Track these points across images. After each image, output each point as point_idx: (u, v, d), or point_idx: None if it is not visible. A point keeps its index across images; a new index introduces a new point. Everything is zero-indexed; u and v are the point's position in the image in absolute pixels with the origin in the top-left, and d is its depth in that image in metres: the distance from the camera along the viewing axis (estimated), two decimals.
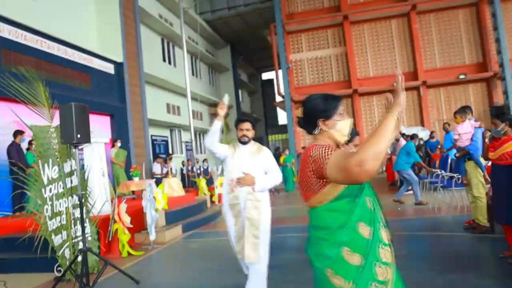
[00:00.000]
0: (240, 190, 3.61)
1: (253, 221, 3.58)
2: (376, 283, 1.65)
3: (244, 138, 3.72)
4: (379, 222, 1.74)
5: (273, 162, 3.80)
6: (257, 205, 3.60)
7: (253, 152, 3.75)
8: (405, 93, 1.63)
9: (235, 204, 3.65)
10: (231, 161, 3.70)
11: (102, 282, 4.86)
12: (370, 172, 1.45)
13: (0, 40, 8.93)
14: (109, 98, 12.68)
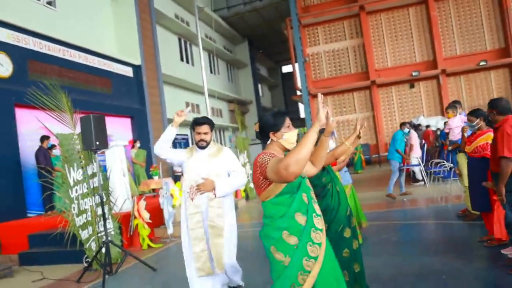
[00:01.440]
0: (200, 197, 3.34)
1: (217, 229, 3.33)
2: (307, 258, 2.13)
3: (202, 142, 3.44)
4: (314, 212, 2.22)
5: (234, 162, 3.53)
6: (220, 213, 3.35)
7: (211, 155, 3.46)
8: (324, 111, 2.07)
9: (195, 214, 3.34)
10: (189, 166, 3.40)
11: (124, 270, 5.43)
12: (294, 173, 1.93)
13: (27, 51, 9.56)
14: (129, 100, 13.25)
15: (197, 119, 3.51)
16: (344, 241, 3.24)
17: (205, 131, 3.44)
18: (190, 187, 3.37)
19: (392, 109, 19.66)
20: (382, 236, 5.59)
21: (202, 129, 3.44)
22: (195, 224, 3.34)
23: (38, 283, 5.35)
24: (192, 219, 3.35)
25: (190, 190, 3.37)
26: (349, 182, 5.83)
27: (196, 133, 3.45)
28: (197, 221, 3.34)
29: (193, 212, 3.35)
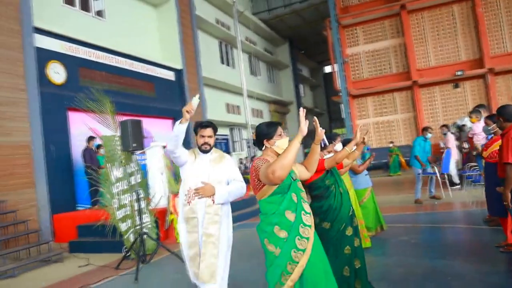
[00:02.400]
0: (197, 202, 3.20)
1: (212, 238, 3.16)
2: (295, 250, 2.48)
3: (205, 146, 3.29)
4: (303, 210, 2.58)
5: (236, 171, 3.41)
6: (217, 220, 3.19)
7: (213, 160, 3.34)
8: (306, 124, 2.44)
9: (191, 218, 3.21)
10: (190, 169, 3.27)
11: (157, 260, 6.02)
12: (279, 177, 2.35)
13: (78, 60, 10.45)
14: (171, 103, 13.97)
15: (201, 122, 3.37)
16: (346, 239, 3.53)
17: (209, 135, 3.29)
18: (188, 190, 3.22)
19: (435, 109, 19.20)
20: (401, 238, 5.76)
21: (206, 132, 3.28)
22: (192, 228, 3.22)
23: (84, 268, 6.02)
24: (189, 223, 3.23)
25: (188, 193, 3.22)
26: (369, 185, 6.04)
27: (199, 136, 3.28)
28: (193, 225, 3.21)
29: (189, 216, 3.22)
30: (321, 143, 2.90)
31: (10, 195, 7.75)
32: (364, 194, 5.93)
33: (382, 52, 20.25)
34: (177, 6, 14.76)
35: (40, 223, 8.22)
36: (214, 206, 3.20)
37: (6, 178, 7.81)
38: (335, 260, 3.49)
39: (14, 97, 8.23)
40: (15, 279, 5.83)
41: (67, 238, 7.76)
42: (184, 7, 15.35)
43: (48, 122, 8.89)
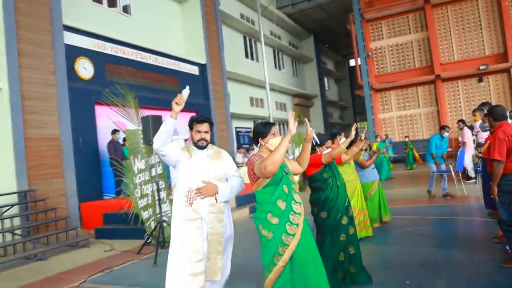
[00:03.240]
0: (200, 202, 3.03)
1: (217, 235, 3.09)
2: (285, 234, 2.79)
3: (202, 142, 3.12)
4: (293, 199, 2.87)
5: (234, 167, 3.30)
6: (221, 218, 3.11)
7: (211, 156, 3.19)
8: (295, 125, 2.66)
9: (193, 220, 3.03)
10: (187, 168, 3.07)
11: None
12: (270, 171, 2.66)
13: (105, 56, 10.97)
14: (194, 96, 14.35)
15: (197, 117, 3.19)
16: (342, 227, 3.80)
17: (205, 130, 3.13)
18: (188, 190, 3.04)
19: (458, 104, 18.92)
20: (406, 229, 5.94)
21: (203, 127, 3.12)
22: (194, 231, 3.03)
23: (108, 253, 6.48)
24: (191, 226, 3.03)
25: (188, 194, 3.04)
26: (376, 178, 6.26)
27: (195, 132, 3.13)
28: (196, 227, 3.03)
29: (192, 218, 3.03)
30: (312, 141, 3.19)
31: (41, 184, 8.33)
32: (371, 187, 6.14)
33: (405, 46, 20.06)
34: (201, 2, 15.11)
35: (68, 211, 8.77)
36: (217, 205, 3.08)
37: (37, 168, 8.37)
38: (332, 246, 3.78)
39: (44, 92, 8.78)
40: (45, 261, 6.35)
41: (94, 225, 8.28)
42: (208, 3, 15.68)
43: (76, 115, 9.42)
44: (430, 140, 8.54)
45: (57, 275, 5.42)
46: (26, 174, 8.14)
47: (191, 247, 3.03)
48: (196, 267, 3.01)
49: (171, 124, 2.95)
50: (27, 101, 8.36)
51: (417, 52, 19.82)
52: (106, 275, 5.16)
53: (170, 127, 2.96)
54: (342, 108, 35.64)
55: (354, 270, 3.79)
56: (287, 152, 4.70)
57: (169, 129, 2.96)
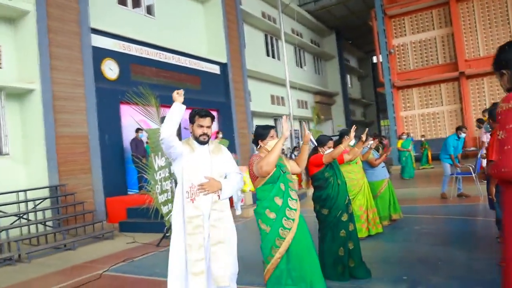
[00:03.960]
0: (202, 198, 2.94)
1: (221, 235, 2.99)
2: (282, 228, 3.08)
3: (204, 137, 3.03)
4: (289, 196, 3.15)
5: (233, 163, 3.23)
6: (222, 216, 3.03)
7: (213, 151, 3.12)
8: (288, 129, 2.89)
9: (194, 217, 2.92)
10: (189, 163, 2.97)
11: None
12: (266, 171, 3.01)
13: (129, 57, 11.47)
14: (215, 95, 14.77)
15: (200, 111, 3.07)
16: (342, 224, 4.05)
17: (207, 125, 3.04)
18: (191, 186, 2.94)
19: (483, 101, 18.59)
20: (413, 227, 6.12)
21: (205, 122, 3.02)
22: (194, 229, 2.92)
23: (130, 245, 6.93)
24: (191, 223, 2.92)
25: (190, 189, 2.94)
26: (386, 177, 6.45)
27: (197, 126, 3.02)
28: (196, 225, 2.93)
29: (192, 215, 2.93)
30: (310, 143, 3.45)
31: (71, 179, 8.88)
32: (381, 185, 6.33)
33: (428, 42, 19.83)
34: (222, 1, 15.45)
35: (95, 205, 9.30)
36: (219, 202, 3.01)
37: (66, 165, 8.92)
38: (332, 241, 4.05)
39: (73, 92, 9.31)
40: (73, 251, 6.85)
41: (118, 218, 8.78)
42: (229, 2, 16.00)
43: (102, 114, 9.94)
44: (447, 141, 8.46)
45: (84, 263, 5.88)
46: (57, 170, 8.69)
47: (192, 246, 2.91)
48: (197, 266, 2.89)
49: (180, 110, 2.89)
50: (57, 101, 8.90)
51: (440, 49, 19.57)
52: (127, 265, 5.57)
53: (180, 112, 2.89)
54: (365, 106, 35.39)
55: (353, 264, 4.04)
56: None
57: (178, 118, 2.88)
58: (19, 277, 5.40)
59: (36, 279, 5.26)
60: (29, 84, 8.60)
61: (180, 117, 2.90)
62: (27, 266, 6.02)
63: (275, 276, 3.08)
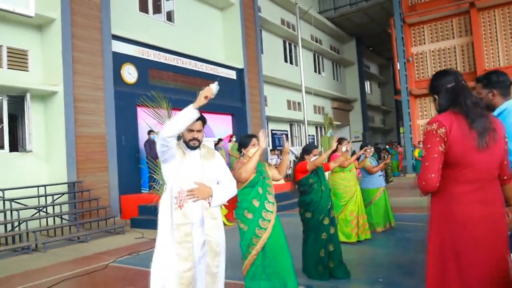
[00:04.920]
0: (191, 205, 2.78)
1: (213, 244, 2.84)
2: (258, 228, 3.40)
3: (194, 142, 2.88)
4: (266, 199, 3.48)
5: (226, 169, 3.10)
6: (215, 224, 2.88)
7: (204, 156, 2.97)
8: (265, 141, 3.25)
9: (182, 225, 2.75)
10: (180, 166, 2.83)
11: None
12: (244, 178, 3.37)
13: (148, 62, 12.02)
14: (231, 100, 15.19)
15: None
16: (323, 227, 4.37)
17: (198, 129, 2.88)
18: (179, 191, 2.79)
19: None
20: (406, 234, 6.34)
21: (195, 126, 2.85)
22: (183, 238, 2.74)
23: (138, 240, 7.39)
24: (179, 231, 2.74)
25: (179, 195, 2.78)
26: (382, 185, 6.70)
27: (187, 130, 2.86)
28: (185, 233, 2.75)
29: (181, 222, 2.75)
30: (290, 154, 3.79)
31: (88, 176, 9.44)
32: (376, 193, 6.60)
33: (448, 51, 19.75)
34: (241, 9, 15.90)
35: (110, 201, 9.83)
36: (210, 210, 2.86)
37: (84, 163, 9.49)
38: (315, 243, 4.37)
39: (93, 95, 9.89)
40: (85, 243, 7.36)
41: (131, 215, 9.28)
42: (248, 10, 16.46)
43: (120, 116, 10.50)
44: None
45: (93, 255, 6.37)
46: (75, 167, 9.27)
47: (180, 255, 2.72)
48: (184, 278, 2.71)
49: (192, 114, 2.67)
50: (78, 103, 9.49)
51: (460, 58, 19.46)
52: (132, 258, 6.02)
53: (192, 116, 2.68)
54: (384, 113, 35.24)
55: (333, 265, 4.35)
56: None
57: (188, 118, 2.68)
58: (34, 264, 5.92)
59: (49, 267, 5.76)
60: (53, 86, 9.21)
61: (190, 123, 2.71)
62: (42, 255, 6.56)
63: (252, 271, 3.43)
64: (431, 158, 2.01)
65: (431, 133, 2.04)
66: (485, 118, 2.02)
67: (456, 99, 2.07)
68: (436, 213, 2.11)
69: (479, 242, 1.97)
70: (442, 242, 2.06)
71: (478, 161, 1.97)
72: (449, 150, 1.99)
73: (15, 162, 8.82)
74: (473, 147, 1.96)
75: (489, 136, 1.99)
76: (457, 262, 1.99)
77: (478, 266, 1.96)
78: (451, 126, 1.99)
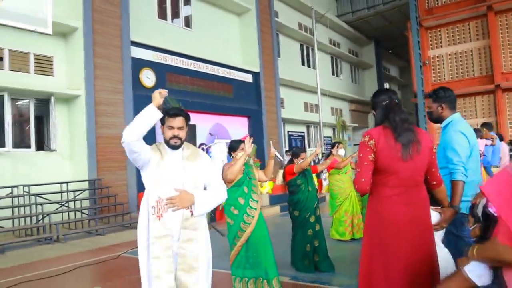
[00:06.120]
0: (171, 215, 2.47)
1: (189, 259, 2.50)
2: (243, 222, 3.82)
3: (175, 141, 2.60)
4: (250, 197, 3.89)
5: (214, 172, 2.78)
6: (194, 236, 2.53)
7: (187, 158, 2.65)
8: (250, 147, 3.70)
9: (162, 237, 2.45)
10: (157, 171, 2.55)
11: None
12: (229, 180, 3.77)
13: (166, 66, 12.63)
14: (247, 102, 15.68)
15: (169, 109, 2.68)
16: (310, 224, 4.79)
17: (179, 126, 2.61)
18: (157, 200, 2.49)
19: None
20: None
21: (176, 122, 2.61)
22: (162, 252, 2.45)
23: None
24: (158, 245, 2.45)
25: (157, 204, 2.49)
26: None
27: (167, 128, 2.62)
28: (165, 247, 2.46)
29: (160, 234, 2.45)
30: (276, 158, 4.21)
31: (107, 174, 10.09)
32: None
33: (465, 54, 19.69)
34: (257, 14, 16.38)
35: (128, 198, 10.46)
36: (192, 219, 2.51)
37: (105, 162, 10.14)
38: (302, 239, 4.79)
39: (113, 98, 10.55)
40: (102, 236, 7.98)
41: None
42: (265, 15, 16.92)
43: None
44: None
45: (108, 246, 6.97)
46: (96, 166, 9.93)
47: (159, 273, 2.43)
48: None
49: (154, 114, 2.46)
50: (99, 106, 10.16)
51: (477, 61, 19.38)
52: None
53: (155, 119, 2.48)
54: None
55: (318, 259, 4.77)
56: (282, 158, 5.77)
57: (149, 121, 2.46)
58: (54, 253, 6.56)
59: (67, 256, 6.39)
60: (75, 90, 9.91)
61: (150, 122, 2.46)
62: (62, 245, 7.20)
63: (237, 261, 3.88)
64: (363, 165, 2.40)
65: (363, 144, 2.43)
66: (411, 132, 2.39)
67: (388, 116, 2.46)
68: (370, 211, 2.51)
69: (403, 238, 2.30)
70: (372, 237, 2.43)
71: (402, 169, 2.34)
72: (378, 159, 2.38)
73: (40, 160, 9.54)
74: (398, 157, 2.33)
75: (413, 148, 2.35)
76: (383, 255, 2.35)
77: (402, 259, 2.29)
78: (379, 138, 2.38)
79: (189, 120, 2.74)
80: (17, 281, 5.06)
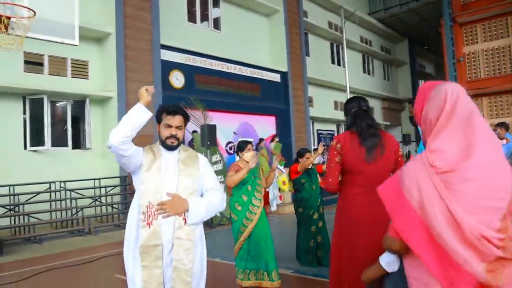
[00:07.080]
0: (162, 222, 2.26)
1: (182, 271, 2.29)
2: (246, 219, 4.14)
3: (172, 141, 2.42)
4: (253, 196, 4.20)
5: (213, 177, 2.56)
6: (190, 247, 2.30)
7: (183, 162, 2.44)
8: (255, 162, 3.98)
9: (151, 247, 2.24)
10: (148, 175, 2.34)
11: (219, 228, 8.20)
12: (229, 186, 4.13)
13: (194, 68, 13.12)
14: (274, 102, 15.95)
15: (168, 107, 2.52)
16: (313, 221, 5.05)
17: (177, 125, 2.44)
18: (148, 205, 2.28)
19: None
20: None
21: (174, 121, 2.44)
22: (151, 262, 2.25)
23: None
24: (147, 254, 2.24)
25: (147, 209, 2.28)
26: None
27: (164, 126, 2.46)
28: (155, 257, 2.25)
29: (149, 244, 2.24)
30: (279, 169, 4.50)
31: None
32: None
33: (502, 50, 19.04)
34: (285, 14, 16.60)
35: None
36: (185, 228, 2.30)
37: None
38: (305, 235, 5.06)
39: None
40: None
41: None
42: (293, 15, 17.12)
43: None
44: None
45: None
46: None
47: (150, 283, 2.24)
48: None
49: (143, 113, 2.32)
50: (130, 107, 10.51)
51: None
52: None
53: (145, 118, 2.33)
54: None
55: (321, 254, 5.02)
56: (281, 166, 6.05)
57: (139, 122, 2.31)
58: (86, 244, 7.17)
59: (97, 246, 6.96)
60: (108, 92, 10.57)
61: (139, 122, 2.31)
62: (94, 237, 7.81)
63: (240, 254, 4.20)
64: (330, 166, 2.67)
65: (332, 148, 2.69)
66: (376, 137, 2.63)
67: (355, 122, 2.71)
68: (338, 207, 2.77)
69: (367, 233, 2.51)
70: (340, 231, 2.70)
71: (366, 170, 2.58)
72: (343, 161, 2.64)
73: (76, 158, 10.27)
74: (362, 160, 2.58)
75: (377, 152, 2.59)
76: (348, 247, 2.61)
77: (365, 252, 2.46)
78: (345, 142, 2.64)
79: (188, 120, 2.57)
80: (52, 267, 5.65)
